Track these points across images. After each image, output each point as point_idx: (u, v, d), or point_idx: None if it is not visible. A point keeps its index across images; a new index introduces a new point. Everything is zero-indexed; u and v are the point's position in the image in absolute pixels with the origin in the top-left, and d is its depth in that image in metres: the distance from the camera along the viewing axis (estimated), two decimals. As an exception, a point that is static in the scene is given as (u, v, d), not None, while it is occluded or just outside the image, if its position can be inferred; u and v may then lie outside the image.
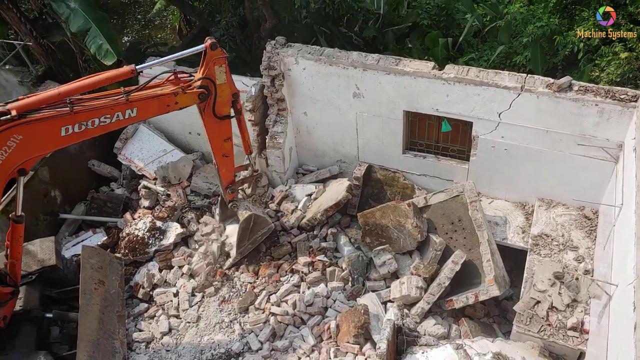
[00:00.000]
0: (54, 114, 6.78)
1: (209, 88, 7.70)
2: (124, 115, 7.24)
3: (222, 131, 8.37)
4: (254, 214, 9.46)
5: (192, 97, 7.62)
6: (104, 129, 7.26)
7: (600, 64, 11.01)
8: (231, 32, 12.43)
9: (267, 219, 9.87)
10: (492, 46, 12.74)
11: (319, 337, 9.03)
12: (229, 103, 8.12)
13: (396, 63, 9.33)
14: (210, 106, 7.91)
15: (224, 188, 9.24)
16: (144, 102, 7.31)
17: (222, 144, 8.53)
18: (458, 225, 9.52)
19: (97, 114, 7.03)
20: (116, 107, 7.13)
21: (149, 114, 7.65)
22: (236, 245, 9.81)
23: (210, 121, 8.12)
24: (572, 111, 8.50)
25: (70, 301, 9.58)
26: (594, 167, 8.94)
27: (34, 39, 12.28)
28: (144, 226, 10.69)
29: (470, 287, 8.94)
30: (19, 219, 7.62)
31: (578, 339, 7.84)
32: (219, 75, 7.69)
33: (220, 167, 8.87)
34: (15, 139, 6.65)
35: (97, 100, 7.09)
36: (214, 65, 7.54)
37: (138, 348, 9.33)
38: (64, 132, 6.94)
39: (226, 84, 7.84)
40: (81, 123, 6.98)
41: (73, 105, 6.87)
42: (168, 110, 7.59)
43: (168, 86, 7.56)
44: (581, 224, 9.39)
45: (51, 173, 11.18)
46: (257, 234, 9.84)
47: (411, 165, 10.63)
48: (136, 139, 12.24)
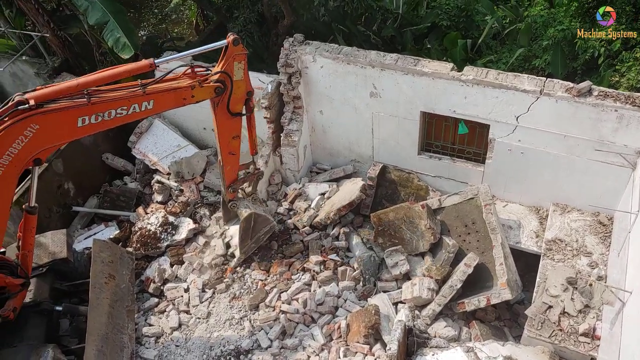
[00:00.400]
0: (72, 105, 6.82)
1: (226, 83, 7.73)
2: (141, 107, 7.27)
3: (232, 128, 8.41)
4: (253, 212, 9.45)
5: (208, 91, 7.66)
6: (121, 121, 7.28)
7: (621, 69, 10.89)
8: (249, 29, 12.44)
9: (268, 217, 9.88)
10: (512, 49, 12.64)
11: (328, 336, 9.03)
12: (243, 101, 8.16)
13: (414, 63, 9.29)
14: (224, 101, 7.96)
15: (225, 187, 9.26)
16: (161, 94, 7.35)
17: (230, 141, 8.58)
18: (472, 227, 9.47)
19: (113, 105, 7.07)
20: (133, 99, 7.16)
21: (165, 106, 7.67)
22: (239, 245, 9.84)
23: (223, 117, 8.16)
24: (591, 116, 8.42)
25: (80, 294, 9.63)
26: (611, 173, 8.86)
27: (51, 30, 12.35)
28: (157, 221, 10.73)
29: (482, 290, 8.89)
30: (32, 209, 7.64)
31: (589, 345, 7.78)
32: (237, 72, 7.74)
33: (225, 164, 8.91)
34: (32, 128, 6.70)
35: (114, 92, 7.13)
36: (233, 60, 7.60)
37: (147, 342, 9.38)
38: (81, 122, 6.97)
39: (242, 81, 7.89)
40: (98, 114, 7.01)
41: (90, 97, 6.91)
42: (184, 103, 7.62)
43: (185, 79, 7.59)
44: (596, 230, 9.32)
45: (65, 165, 11.25)
46: (259, 233, 9.85)
47: (426, 166, 10.58)
48: (151, 134, 12.29)
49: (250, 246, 9.97)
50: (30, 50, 12.86)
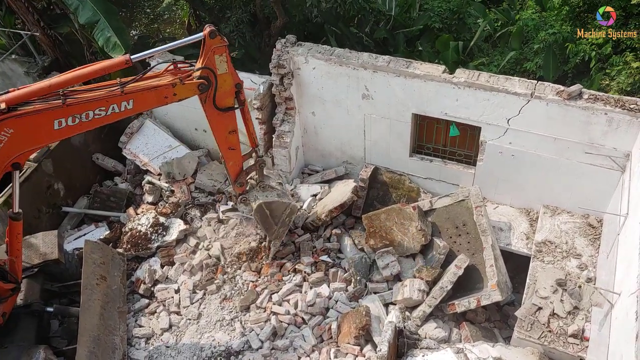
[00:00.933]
0: (46, 107, 6.52)
1: (210, 78, 7.33)
2: (120, 107, 6.93)
3: (226, 123, 8.02)
4: (262, 202, 9.17)
5: (191, 89, 7.27)
6: (100, 122, 6.97)
7: (611, 73, 11.00)
8: (241, 29, 12.40)
9: (283, 200, 9.42)
10: (503, 52, 12.75)
11: (319, 337, 9.03)
12: (232, 94, 7.74)
13: (407, 65, 9.32)
14: (211, 97, 7.55)
15: (232, 182, 9.01)
16: (141, 93, 6.99)
17: (226, 137, 8.19)
18: (462, 229, 9.51)
19: (91, 106, 6.76)
20: (111, 99, 6.83)
21: (146, 106, 7.35)
22: (267, 235, 9.68)
23: (212, 113, 7.77)
24: (581, 119, 8.48)
25: (70, 295, 9.57)
26: (601, 175, 8.92)
27: (42, 29, 12.27)
28: (147, 222, 10.68)
29: (472, 292, 8.93)
30: (17, 215, 7.41)
31: (578, 346, 7.83)
32: (220, 65, 7.31)
33: (227, 160, 8.59)
34: (6, 132, 6.44)
35: (91, 92, 6.82)
36: (213, 54, 7.16)
37: (138, 344, 9.32)
38: (57, 125, 6.68)
39: (228, 74, 7.46)
40: (75, 116, 6.71)
41: (66, 98, 6.62)
42: (166, 102, 7.27)
43: (166, 77, 7.23)
44: (585, 232, 9.38)
45: (55, 165, 11.16)
46: (282, 217, 9.51)
47: (417, 168, 10.61)
48: (142, 134, 12.23)
49: (279, 231, 9.66)
50: (19, 49, 12.77)
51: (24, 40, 12.30)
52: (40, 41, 12.52)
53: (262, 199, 9.17)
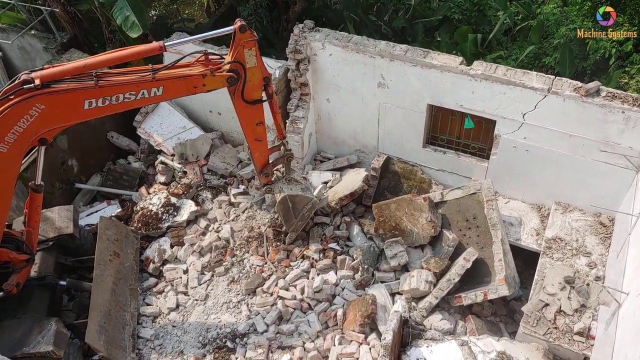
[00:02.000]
0: (79, 87, 6.71)
1: (239, 72, 7.47)
2: (150, 93, 7.12)
3: (254, 115, 8.16)
4: (287, 195, 9.29)
5: (220, 81, 7.43)
6: (128, 106, 7.16)
7: (631, 71, 10.85)
8: (259, 13, 12.37)
9: (306, 195, 9.58)
10: (522, 45, 12.61)
11: (324, 323, 9.09)
12: (260, 87, 7.88)
13: (424, 55, 9.25)
14: (239, 90, 7.69)
15: (258, 172, 9.14)
16: (171, 81, 7.17)
17: (254, 128, 8.34)
18: (472, 222, 9.49)
19: (122, 89, 6.93)
20: (142, 84, 7.00)
21: (175, 94, 7.52)
22: (285, 226, 9.83)
23: (241, 105, 7.91)
24: (598, 117, 8.39)
25: (82, 271, 9.72)
26: (615, 174, 8.84)
27: (62, 5, 12.30)
28: (159, 201, 10.76)
29: (479, 285, 8.92)
30: (38, 187, 7.64)
31: (583, 344, 7.81)
32: (249, 59, 7.44)
33: (253, 151, 8.74)
34: (37, 108, 6.62)
35: (123, 75, 6.98)
36: (243, 48, 7.30)
37: (145, 322, 9.44)
38: (87, 105, 6.86)
39: (256, 67, 7.58)
40: (105, 97, 6.90)
41: (98, 79, 6.79)
42: (195, 92, 7.44)
43: (197, 67, 7.40)
44: (596, 230, 9.32)
45: (70, 142, 11.27)
46: (302, 211, 9.65)
47: (430, 159, 10.58)
48: (156, 114, 12.29)
49: (297, 224, 9.81)
50: (39, 24, 12.82)
51: (44, 16, 12.35)
52: (59, 17, 12.56)
53: (287, 192, 9.30)
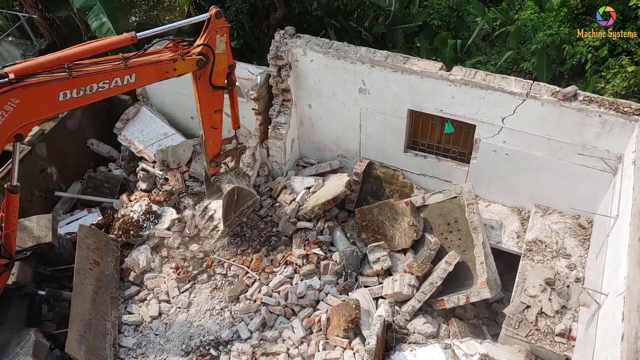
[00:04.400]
0: (52, 79, 6.74)
1: (208, 56, 7.70)
2: (123, 81, 7.23)
3: (214, 102, 8.39)
4: (236, 186, 9.42)
5: (190, 64, 7.63)
6: (102, 95, 7.24)
7: (607, 76, 11.06)
8: (240, 19, 12.34)
9: (252, 190, 9.87)
10: (500, 51, 12.78)
11: (308, 329, 9.06)
12: (225, 74, 8.13)
13: (404, 61, 9.33)
14: (207, 74, 7.93)
15: (208, 161, 9.23)
16: (143, 67, 7.30)
17: (212, 115, 8.56)
18: (454, 226, 9.56)
19: (95, 79, 7.00)
20: (115, 72, 7.11)
21: (147, 80, 7.63)
22: (223, 219, 9.82)
23: (205, 90, 8.13)
24: (575, 120, 8.53)
25: (62, 280, 9.57)
26: (592, 177, 8.99)
27: (39, 12, 12.17)
28: (140, 209, 10.67)
29: (461, 288, 8.98)
30: (14, 188, 7.51)
31: (565, 345, 7.90)
32: (219, 44, 7.70)
33: (208, 139, 8.88)
34: (12, 102, 6.61)
35: (95, 65, 7.06)
36: (215, 33, 7.57)
37: (127, 331, 9.32)
38: (62, 97, 6.90)
39: (224, 54, 7.85)
40: (79, 88, 6.96)
41: (71, 70, 6.83)
42: (167, 76, 7.60)
43: (167, 53, 7.56)
44: (575, 233, 9.45)
45: (49, 149, 11.11)
46: (243, 207, 9.84)
47: (411, 164, 10.65)
48: (137, 121, 12.18)
49: (234, 219, 9.95)
50: (17, 31, 12.68)
51: (22, 23, 12.21)
52: (37, 24, 12.43)
53: (237, 184, 9.43)
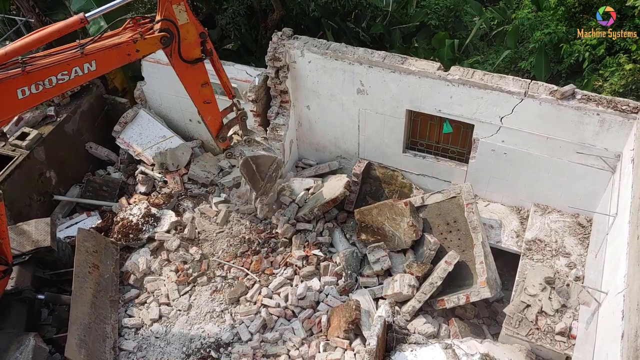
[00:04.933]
0: (5, 76, 6.27)
1: (171, 30, 7.08)
2: (83, 69, 6.69)
3: (196, 76, 7.79)
4: (248, 157, 9.00)
5: (153, 43, 7.04)
6: (64, 87, 6.75)
7: (604, 74, 11.06)
8: (237, 21, 12.35)
9: (269, 154, 9.31)
10: (498, 50, 12.79)
11: (309, 330, 9.06)
12: (198, 44, 7.49)
13: (402, 61, 9.33)
14: (176, 50, 7.31)
15: (214, 137, 8.77)
16: (102, 53, 6.74)
17: (199, 90, 7.97)
18: (453, 226, 9.56)
19: (52, 71, 6.49)
20: (72, 61, 6.58)
21: (110, 65, 7.07)
22: (253, 189, 9.53)
23: (181, 66, 7.54)
24: (574, 119, 8.54)
25: (61, 284, 9.57)
26: (591, 175, 8.99)
27: (36, 15, 12.17)
28: (139, 212, 10.66)
29: (461, 288, 8.98)
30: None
31: (565, 344, 7.91)
32: (179, 15, 7.07)
33: (205, 115, 8.38)
34: None
35: (50, 57, 6.56)
36: (171, 4, 6.96)
37: (127, 334, 9.32)
38: (21, 94, 6.42)
39: (189, 23, 7.23)
40: (37, 83, 6.46)
41: (25, 65, 6.34)
42: (130, 59, 7.05)
43: (126, 33, 7.01)
44: (575, 231, 9.46)
45: (47, 154, 11.11)
46: (268, 172, 9.41)
47: (410, 164, 10.65)
48: (136, 124, 12.19)
49: (266, 186, 9.58)
50: (14, 34, 12.67)
51: (19, 26, 12.21)
52: (34, 27, 12.42)
53: (249, 153, 9.00)
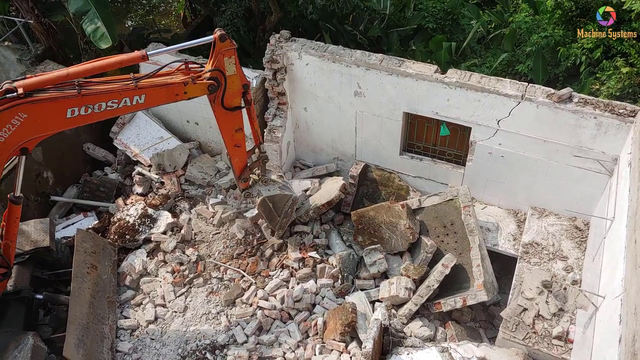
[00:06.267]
0: (61, 95, 6.71)
1: (219, 79, 7.60)
2: (132, 101, 7.16)
3: (233, 122, 8.26)
4: (264, 197, 9.42)
5: (201, 88, 7.54)
6: (111, 114, 7.18)
7: (601, 78, 11.08)
8: (235, 23, 12.36)
9: (285, 192, 9.67)
10: (495, 53, 12.80)
11: (305, 333, 9.04)
12: (239, 94, 8.00)
13: (399, 64, 9.33)
14: (220, 98, 7.81)
15: (237, 178, 9.19)
16: (153, 89, 7.24)
17: (233, 135, 8.43)
18: (450, 228, 9.55)
19: (104, 98, 6.95)
20: (124, 92, 7.04)
21: (157, 102, 7.55)
22: (271, 226, 9.93)
23: (221, 113, 8.02)
24: (571, 122, 8.54)
25: (59, 284, 9.55)
26: (588, 179, 9.00)
27: (36, 17, 12.16)
28: (136, 212, 10.64)
29: (458, 291, 8.97)
30: (17, 199, 7.53)
31: (562, 348, 7.89)
32: (229, 67, 7.60)
33: (233, 157, 8.82)
34: (19, 117, 6.59)
35: (105, 84, 7.02)
36: (223, 57, 7.45)
37: (123, 335, 9.29)
38: (70, 114, 6.86)
39: (236, 75, 7.73)
40: (88, 106, 6.90)
41: (81, 88, 6.80)
42: (176, 99, 7.52)
43: (178, 75, 7.48)
44: (572, 235, 9.45)
45: (45, 154, 11.09)
46: (284, 209, 9.77)
47: (407, 166, 10.65)
48: (133, 125, 12.18)
49: (282, 222, 9.92)
50: (13, 36, 12.65)
51: (18, 28, 12.20)
52: (34, 29, 12.41)
53: (265, 194, 9.42)
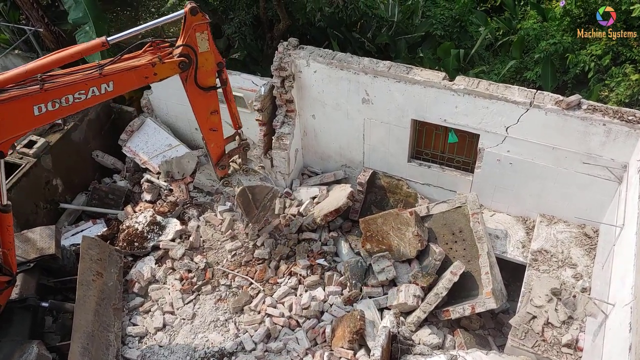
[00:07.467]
0: (23, 93, 6.40)
1: (190, 56, 7.24)
2: (100, 90, 6.82)
3: (208, 103, 7.92)
4: (245, 187, 9.17)
5: (171, 67, 7.18)
6: (81, 106, 6.87)
7: (610, 84, 11.04)
8: (243, 31, 12.40)
9: (265, 184, 9.49)
10: (504, 60, 12.78)
11: (313, 340, 9.03)
12: (214, 73, 7.67)
13: (407, 71, 9.35)
14: (192, 76, 7.47)
15: (214, 164, 8.91)
16: (120, 74, 6.88)
17: (208, 117, 8.10)
18: (459, 236, 9.53)
19: (70, 90, 6.63)
20: (90, 82, 6.71)
21: (127, 87, 7.16)
22: (247, 218, 9.71)
23: (194, 92, 7.68)
24: (580, 129, 8.51)
25: (65, 292, 9.57)
26: (598, 186, 8.95)
27: (45, 25, 12.28)
28: (144, 220, 10.68)
29: (467, 299, 8.93)
30: (5, 208, 7.25)
31: (572, 356, 7.84)
32: (201, 43, 7.22)
33: (208, 142, 8.51)
34: None
35: (69, 75, 6.68)
36: (194, 31, 7.08)
37: (131, 342, 9.31)
38: (37, 111, 6.54)
39: (209, 52, 7.38)
40: (54, 101, 6.59)
41: (44, 82, 6.47)
42: (147, 82, 7.20)
43: (146, 56, 7.12)
44: (581, 242, 9.40)
45: (54, 161, 11.17)
46: (263, 201, 9.59)
47: (415, 173, 10.64)
48: (142, 132, 12.25)
49: (259, 215, 9.74)
50: (23, 44, 12.79)
51: (28, 36, 12.32)
52: (43, 37, 12.54)
53: (246, 183, 9.17)
